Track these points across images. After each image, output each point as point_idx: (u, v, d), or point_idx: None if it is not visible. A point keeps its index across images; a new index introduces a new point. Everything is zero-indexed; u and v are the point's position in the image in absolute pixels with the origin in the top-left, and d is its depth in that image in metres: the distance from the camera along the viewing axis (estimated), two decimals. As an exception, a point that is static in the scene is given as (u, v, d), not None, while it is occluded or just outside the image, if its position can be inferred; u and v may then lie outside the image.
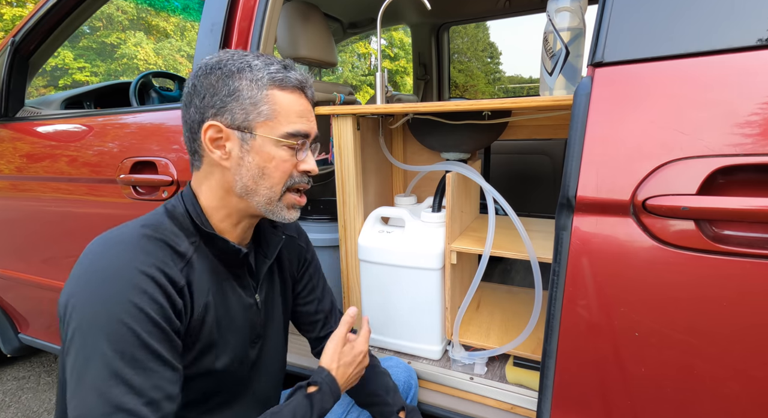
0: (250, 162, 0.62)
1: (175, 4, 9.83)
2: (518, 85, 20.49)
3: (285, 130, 0.62)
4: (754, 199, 0.53)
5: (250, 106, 0.60)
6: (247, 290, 0.70)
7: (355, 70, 15.41)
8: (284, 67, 0.63)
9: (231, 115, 0.60)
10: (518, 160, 2.14)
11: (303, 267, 0.86)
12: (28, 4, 9.16)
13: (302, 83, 0.65)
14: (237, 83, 0.60)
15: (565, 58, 0.81)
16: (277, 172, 0.63)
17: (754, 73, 0.52)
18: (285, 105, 0.62)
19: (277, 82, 0.62)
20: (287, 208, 0.67)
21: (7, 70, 1.39)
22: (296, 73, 0.64)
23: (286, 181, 0.65)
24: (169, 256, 0.58)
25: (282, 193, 0.65)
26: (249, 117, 0.60)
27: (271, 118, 0.61)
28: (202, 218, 0.64)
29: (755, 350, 0.56)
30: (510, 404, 0.97)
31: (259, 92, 0.61)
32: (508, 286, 1.43)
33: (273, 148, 0.62)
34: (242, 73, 0.61)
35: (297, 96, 0.64)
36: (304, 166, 0.66)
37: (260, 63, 0.62)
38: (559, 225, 0.65)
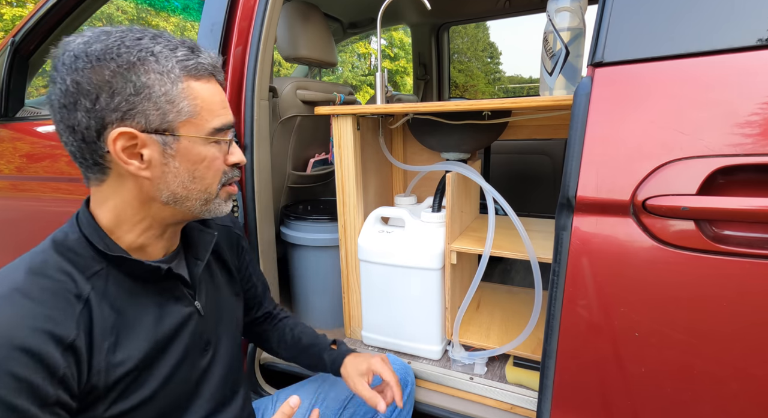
0: (177, 167, 0.55)
1: (175, 4, 9.83)
2: (518, 85, 20.49)
3: (211, 126, 0.56)
4: (754, 199, 0.53)
5: (167, 104, 0.52)
6: (183, 300, 0.63)
7: (355, 70, 15.41)
8: (191, 51, 0.55)
9: (144, 117, 0.51)
10: (518, 160, 2.14)
11: (242, 255, 0.82)
12: (28, 4, 9.17)
13: (215, 68, 0.58)
14: (143, 78, 0.50)
15: (565, 58, 0.81)
16: (209, 173, 0.58)
17: (754, 73, 0.52)
18: (206, 98, 0.55)
19: (191, 71, 0.54)
20: (224, 201, 0.62)
21: (7, 70, 1.39)
22: (206, 55, 0.56)
23: (220, 180, 0.59)
24: (59, 305, 0.49)
25: (218, 193, 0.60)
26: (168, 117, 0.52)
27: (194, 115, 0.54)
28: (107, 241, 0.55)
29: (755, 350, 0.56)
30: (510, 404, 0.97)
31: (173, 87, 0.52)
32: (508, 286, 1.43)
33: (202, 148, 0.56)
34: (146, 65, 0.51)
35: (213, 84, 0.57)
36: (233, 158, 0.61)
37: (162, 48, 0.52)
38: (559, 225, 0.65)
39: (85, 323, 0.51)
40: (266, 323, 0.92)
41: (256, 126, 1.11)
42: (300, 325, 0.92)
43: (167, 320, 0.60)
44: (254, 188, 1.13)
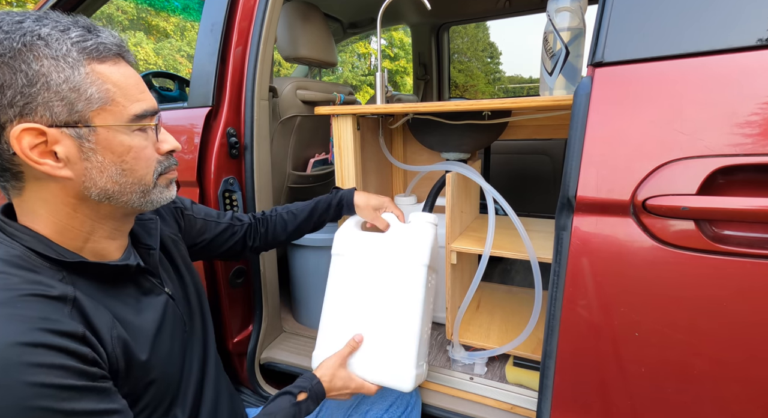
0: (102, 161, 0.49)
1: (175, 4, 9.83)
2: (518, 85, 20.49)
3: (131, 113, 0.50)
4: (754, 199, 0.53)
5: (71, 92, 0.46)
6: (155, 289, 0.62)
7: (355, 70, 15.41)
8: (88, 30, 0.48)
9: (48, 110, 0.45)
10: (518, 160, 2.14)
11: (181, 216, 0.80)
12: (28, 4, 9.17)
13: (121, 47, 0.51)
14: (35, 66, 0.44)
15: (565, 58, 0.81)
16: (139, 163, 0.52)
17: (754, 73, 0.52)
18: (118, 81, 0.49)
19: (92, 53, 0.47)
20: (166, 187, 0.58)
21: (7, 70, 1.39)
22: (108, 34, 0.50)
23: (154, 169, 0.54)
24: (47, 308, 0.44)
25: (155, 182, 0.55)
26: (76, 107, 0.46)
27: (107, 101, 0.48)
28: (58, 249, 0.50)
29: (755, 350, 0.56)
30: (510, 404, 0.97)
31: (74, 72, 0.46)
32: (508, 286, 1.43)
33: (125, 138, 0.50)
34: (35, 50, 0.44)
35: (123, 65, 0.51)
36: (166, 146, 0.56)
37: (51, 30, 0.45)
38: (559, 225, 0.65)
39: (84, 321, 0.48)
40: (256, 232, 0.94)
41: (256, 126, 1.11)
42: (287, 207, 0.97)
43: (149, 312, 0.59)
44: (254, 188, 1.13)
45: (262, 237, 0.95)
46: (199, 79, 1.10)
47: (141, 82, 0.53)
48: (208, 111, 1.08)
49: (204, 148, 1.08)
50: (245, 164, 1.13)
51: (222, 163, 1.09)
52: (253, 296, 1.24)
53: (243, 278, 1.20)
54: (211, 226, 0.87)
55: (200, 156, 1.07)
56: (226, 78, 1.10)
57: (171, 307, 0.64)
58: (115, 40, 0.50)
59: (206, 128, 1.09)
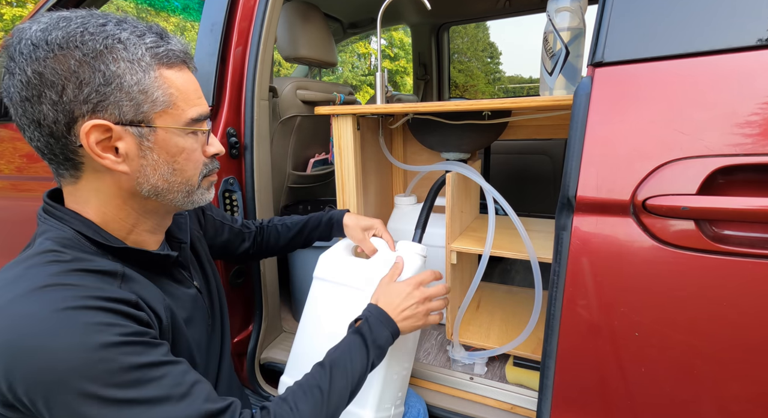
0: (156, 160, 0.53)
1: (175, 4, 9.83)
2: (518, 85, 20.49)
3: (188, 117, 0.53)
4: (754, 199, 0.53)
5: (140, 94, 0.49)
6: (185, 282, 0.65)
7: (355, 70, 15.41)
8: (160, 37, 0.52)
9: (117, 109, 0.48)
10: (518, 160, 2.14)
11: (203, 216, 0.84)
12: (28, 4, 9.16)
13: (186, 54, 0.55)
14: (113, 67, 0.47)
15: (565, 58, 0.81)
16: (189, 164, 0.56)
17: (754, 73, 0.52)
18: (180, 86, 0.53)
19: (162, 59, 0.51)
20: (207, 189, 0.61)
21: (7, 70, 1.39)
22: (176, 42, 0.54)
23: (201, 171, 0.58)
24: (99, 281, 0.47)
25: (199, 183, 0.59)
26: (142, 108, 0.50)
27: (170, 105, 0.52)
28: (105, 235, 0.53)
29: (755, 350, 0.56)
30: (510, 404, 0.97)
31: (145, 76, 0.49)
32: (508, 286, 1.43)
33: (179, 140, 0.53)
34: (114, 52, 0.47)
35: (186, 72, 0.55)
36: (212, 149, 0.59)
37: (129, 35, 0.49)
38: (559, 225, 0.65)
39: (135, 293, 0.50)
40: (259, 239, 0.98)
41: (256, 126, 1.11)
42: (284, 218, 1.00)
43: (181, 303, 0.62)
44: (254, 188, 1.13)
45: (258, 246, 0.98)
46: (199, 80, 1.09)
47: (199, 88, 0.57)
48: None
49: (204, 148, 1.08)
50: (245, 164, 1.13)
51: (222, 163, 1.09)
52: (253, 296, 1.24)
53: (243, 278, 1.20)
54: (227, 229, 0.90)
55: (200, 156, 1.07)
56: (226, 78, 1.10)
57: (199, 300, 0.67)
58: (183, 48, 0.54)
59: (206, 128, 1.09)
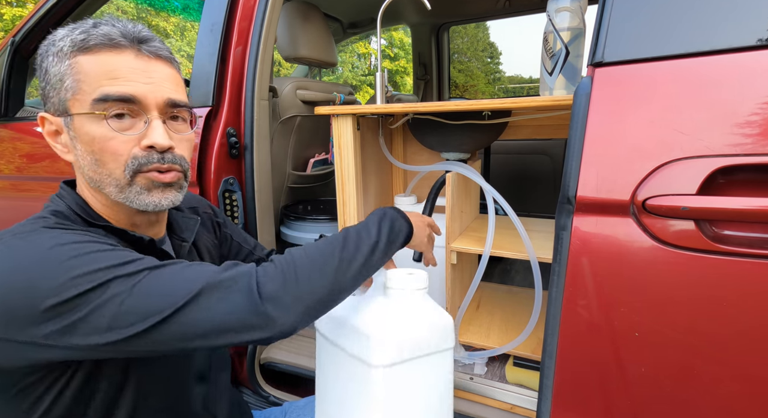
0: (82, 151, 0.52)
1: (175, 4, 9.83)
2: (518, 85, 20.49)
3: (92, 98, 0.50)
4: (754, 199, 0.53)
5: (58, 83, 0.50)
6: None
7: (355, 70, 15.40)
8: (94, 26, 0.51)
9: (50, 102, 0.52)
10: (518, 160, 2.14)
11: (219, 231, 0.82)
12: (28, 4, 9.16)
13: (114, 37, 0.50)
14: (45, 64, 0.51)
15: (565, 58, 0.81)
16: (106, 155, 0.51)
17: (754, 73, 0.52)
18: (90, 70, 0.50)
19: (78, 44, 0.50)
20: (146, 191, 0.54)
21: (7, 70, 1.39)
22: (109, 28, 0.51)
23: (125, 164, 0.52)
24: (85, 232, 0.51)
25: (129, 179, 0.53)
26: (61, 97, 0.51)
27: (77, 90, 0.50)
28: (89, 211, 0.56)
29: (755, 350, 0.56)
30: (510, 404, 0.97)
31: (61, 64, 0.50)
32: (508, 286, 1.43)
33: (90, 126, 0.50)
34: (48, 50, 0.51)
35: (112, 54, 0.51)
36: (145, 141, 0.52)
37: (66, 31, 0.51)
38: (559, 225, 0.65)
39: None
40: None
41: (256, 126, 1.11)
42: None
43: None
44: (254, 188, 1.13)
45: None
46: (199, 79, 1.10)
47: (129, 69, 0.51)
48: (208, 111, 1.08)
49: (204, 149, 1.08)
50: (245, 164, 1.13)
51: (222, 163, 1.09)
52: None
53: (243, 278, 1.20)
54: (243, 253, 0.86)
55: (200, 156, 1.07)
56: (226, 78, 1.10)
57: None
58: (111, 30, 0.51)
59: (206, 128, 1.09)
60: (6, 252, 0.45)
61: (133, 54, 0.52)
